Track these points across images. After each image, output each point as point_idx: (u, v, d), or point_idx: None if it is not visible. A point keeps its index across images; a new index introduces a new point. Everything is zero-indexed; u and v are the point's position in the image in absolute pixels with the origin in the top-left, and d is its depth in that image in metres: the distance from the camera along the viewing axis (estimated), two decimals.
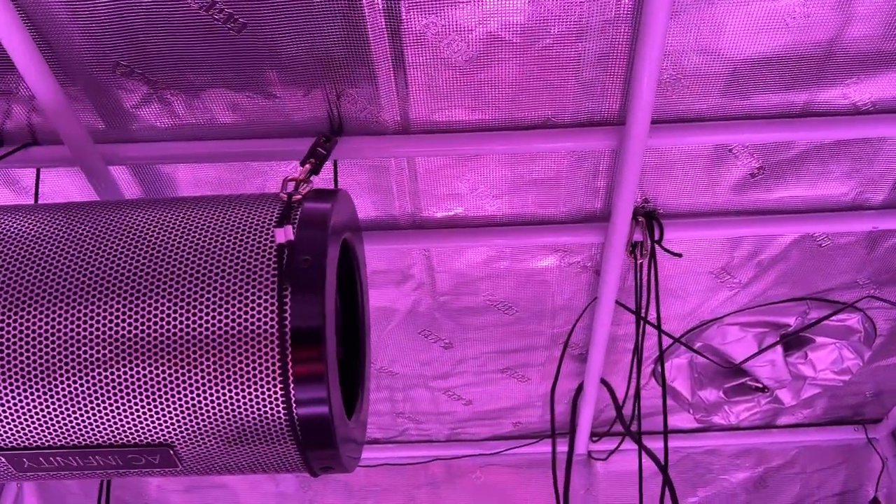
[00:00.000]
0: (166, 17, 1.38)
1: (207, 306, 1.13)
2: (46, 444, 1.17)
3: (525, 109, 1.59)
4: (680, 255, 1.87)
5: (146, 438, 1.17)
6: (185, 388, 1.13)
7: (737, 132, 1.62)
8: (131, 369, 1.12)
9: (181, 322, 1.13)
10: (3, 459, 1.19)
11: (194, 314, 1.13)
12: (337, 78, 1.51)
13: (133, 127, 1.63)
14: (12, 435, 1.16)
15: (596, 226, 1.85)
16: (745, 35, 1.45)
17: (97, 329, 1.12)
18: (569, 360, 2.37)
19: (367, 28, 1.41)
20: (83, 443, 1.17)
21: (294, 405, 1.13)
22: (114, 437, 1.16)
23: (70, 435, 1.16)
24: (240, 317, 1.13)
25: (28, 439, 1.17)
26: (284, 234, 1.16)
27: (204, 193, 1.82)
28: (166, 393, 1.13)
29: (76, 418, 1.14)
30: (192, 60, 1.47)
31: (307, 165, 1.37)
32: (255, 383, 1.13)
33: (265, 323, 1.12)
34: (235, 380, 1.13)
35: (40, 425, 1.15)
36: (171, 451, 1.18)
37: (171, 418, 1.15)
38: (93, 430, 1.15)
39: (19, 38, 1.35)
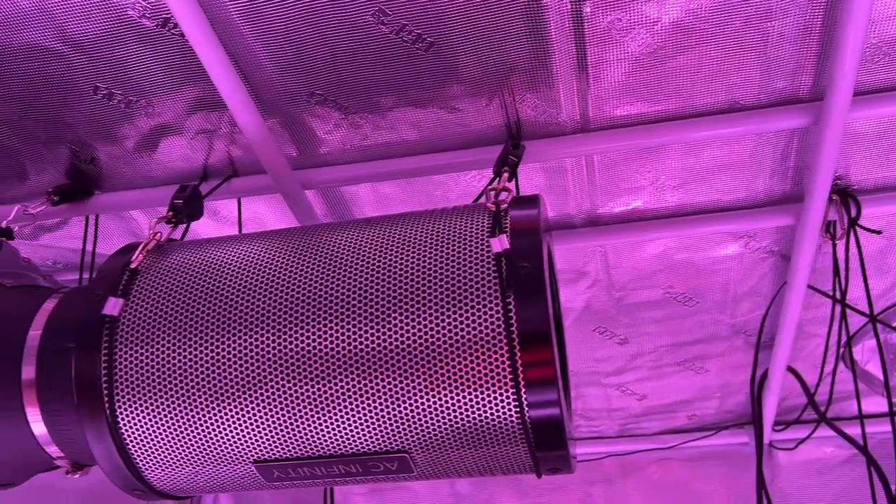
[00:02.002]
0: (359, 44, 1.45)
1: (436, 318, 1.18)
2: (295, 455, 1.26)
3: (708, 95, 1.56)
4: (880, 233, 1.77)
5: (385, 446, 1.23)
6: (419, 397, 1.18)
7: None
8: (370, 381, 1.18)
9: (413, 334, 1.18)
10: (255, 470, 1.29)
11: (424, 326, 1.18)
12: (517, 85, 1.54)
13: (322, 151, 1.72)
14: (265, 448, 1.25)
15: (785, 208, 1.78)
16: None
17: (337, 345, 1.19)
18: (748, 349, 2.30)
19: (550, 33, 1.42)
20: (328, 453, 1.25)
21: (526, 408, 1.16)
22: (356, 446, 1.23)
23: (317, 446, 1.24)
24: (467, 326, 1.16)
25: (279, 451, 1.25)
26: (500, 244, 1.20)
27: (387, 209, 1.89)
28: (403, 402, 1.19)
29: (322, 430, 1.22)
30: (381, 83, 1.53)
31: (504, 174, 1.40)
32: (487, 389, 1.16)
33: (493, 331, 1.15)
34: (467, 387, 1.17)
35: (291, 438, 1.23)
36: (408, 457, 1.24)
37: (407, 426, 1.20)
38: (337, 440, 1.23)
39: (231, 82, 1.46)
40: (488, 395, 1.16)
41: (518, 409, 1.16)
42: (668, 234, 1.87)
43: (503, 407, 1.17)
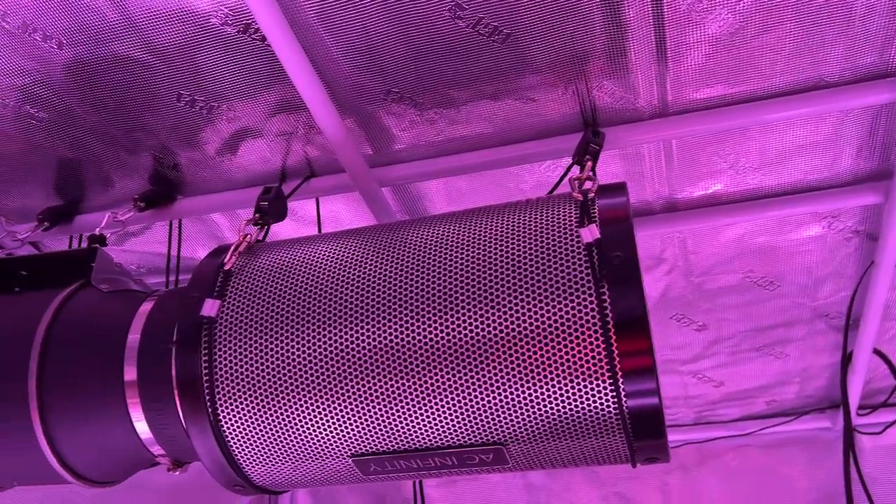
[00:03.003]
0: (436, 41, 1.45)
1: (528, 310, 1.18)
2: (392, 449, 1.28)
3: (791, 74, 1.52)
4: None
5: (481, 439, 1.24)
6: (515, 389, 1.18)
7: None
8: (465, 374, 1.19)
9: (506, 327, 1.18)
10: (353, 464, 1.31)
11: (517, 318, 1.18)
12: (594, 72, 1.52)
13: (397, 148, 1.74)
14: (362, 442, 1.27)
15: (872, 186, 1.73)
16: None
17: (431, 338, 1.20)
18: (830, 332, 2.24)
19: (628, 18, 1.40)
20: (424, 446, 1.27)
21: (624, 398, 1.15)
22: (453, 439, 1.24)
23: (413, 439, 1.25)
24: (561, 318, 1.16)
25: (375, 445, 1.27)
26: (591, 234, 1.19)
27: (459, 203, 1.90)
28: (498, 394, 1.19)
29: (419, 423, 1.23)
30: (457, 77, 1.53)
31: (587, 162, 1.39)
32: (584, 380, 1.16)
33: (588, 322, 1.15)
34: (563, 378, 1.16)
35: (387, 432, 1.25)
36: (504, 449, 1.25)
37: (503, 418, 1.21)
38: (434, 433, 1.24)
39: (311, 84, 1.48)
40: (585, 386, 1.16)
41: (615, 400, 1.15)
42: (748, 217, 1.83)
43: (600, 397, 1.16)
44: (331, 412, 1.26)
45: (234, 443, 1.32)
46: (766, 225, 1.89)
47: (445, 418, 1.22)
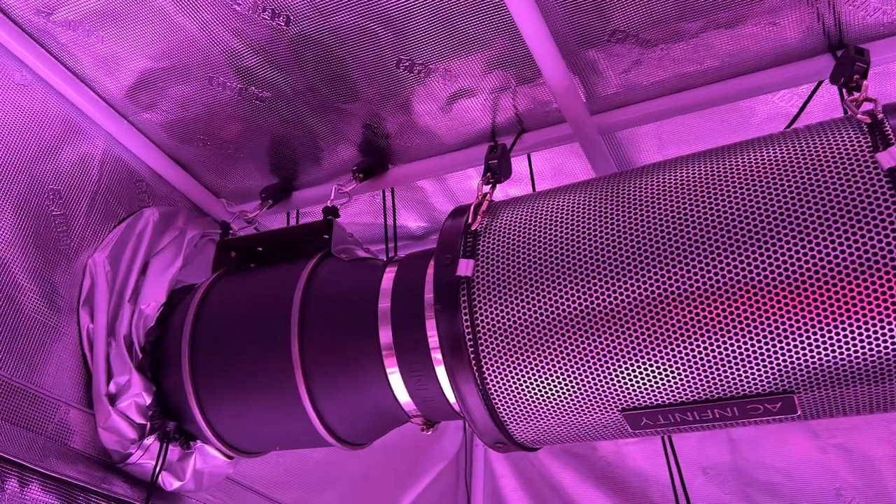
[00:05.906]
0: None
1: (821, 246, 1.08)
2: (667, 401, 1.23)
3: None
4: None
5: (769, 387, 1.16)
6: (809, 333, 1.10)
7: None
8: (751, 319, 1.12)
9: (795, 266, 1.09)
10: (622, 418, 1.28)
11: (806, 257, 1.09)
12: None
13: (611, 93, 1.66)
14: (635, 396, 1.23)
15: None
16: None
17: (706, 280, 1.13)
18: None
19: None
20: (704, 397, 1.21)
21: None
22: (736, 389, 1.17)
23: (691, 391, 1.20)
24: (865, 252, 1.06)
25: (649, 399, 1.23)
26: (892, 157, 1.08)
27: (672, 148, 1.80)
28: (790, 339, 1.11)
29: (698, 373, 1.17)
30: (690, 8, 1.43)
31: (864, 82, 1.26)
32: (893, 319, 1.06)
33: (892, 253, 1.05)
34: (867, 318, 1.07)
35: (662, 384, 1.20)
36: (794, 398, 1.17)
37: (794, 365, 1.12)
38: (716, 383, 1.17)
39: (539, 32, 1.44)
40: (889, 326, 1.06)
41: None
42: None
43: None
44: (601, 366, 1.22)
45: (500, 401, 1.31)
46: None
47: (729, 367, 1.16)
